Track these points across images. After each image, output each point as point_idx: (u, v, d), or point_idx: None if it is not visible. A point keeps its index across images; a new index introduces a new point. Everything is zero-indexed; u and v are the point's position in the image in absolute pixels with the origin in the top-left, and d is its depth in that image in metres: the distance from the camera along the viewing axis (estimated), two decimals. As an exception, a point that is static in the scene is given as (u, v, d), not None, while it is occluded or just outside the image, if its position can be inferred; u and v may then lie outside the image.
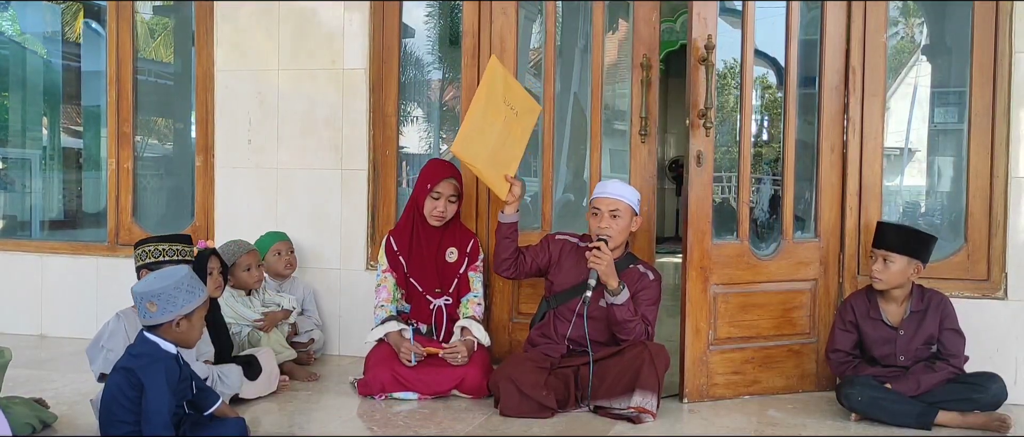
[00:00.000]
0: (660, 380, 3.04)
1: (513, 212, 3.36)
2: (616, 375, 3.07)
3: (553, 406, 3.07)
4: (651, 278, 3.30)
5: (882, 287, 3.14)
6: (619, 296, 3.16)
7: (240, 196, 4.19)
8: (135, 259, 3.07)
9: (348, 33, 4.03)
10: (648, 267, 3.36)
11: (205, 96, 4.33)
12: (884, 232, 3.17)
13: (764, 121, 6.91)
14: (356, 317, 4.01)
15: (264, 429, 2.92)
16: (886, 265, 3.10)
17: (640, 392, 3.00)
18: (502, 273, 3.42)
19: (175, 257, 3.01)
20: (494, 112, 3.25)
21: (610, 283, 3.15)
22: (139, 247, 3.06)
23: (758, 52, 3.63)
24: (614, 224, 3.22)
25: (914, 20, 4.54)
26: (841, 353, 3.24)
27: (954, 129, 3.92)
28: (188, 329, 2.51)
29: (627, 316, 3.16)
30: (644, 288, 3.26)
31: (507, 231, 3.36)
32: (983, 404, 2.99)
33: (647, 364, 3.01)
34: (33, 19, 6.12)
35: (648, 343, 3.12)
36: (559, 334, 3.32)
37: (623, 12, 4.71)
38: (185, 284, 2.48)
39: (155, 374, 2.40)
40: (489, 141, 3.25)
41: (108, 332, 2.97)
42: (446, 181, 3.47)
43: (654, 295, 3.29)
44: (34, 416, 2.79)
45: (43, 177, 5.76)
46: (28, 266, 4.56)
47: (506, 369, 3.16)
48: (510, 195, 3.33)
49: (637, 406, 3.00)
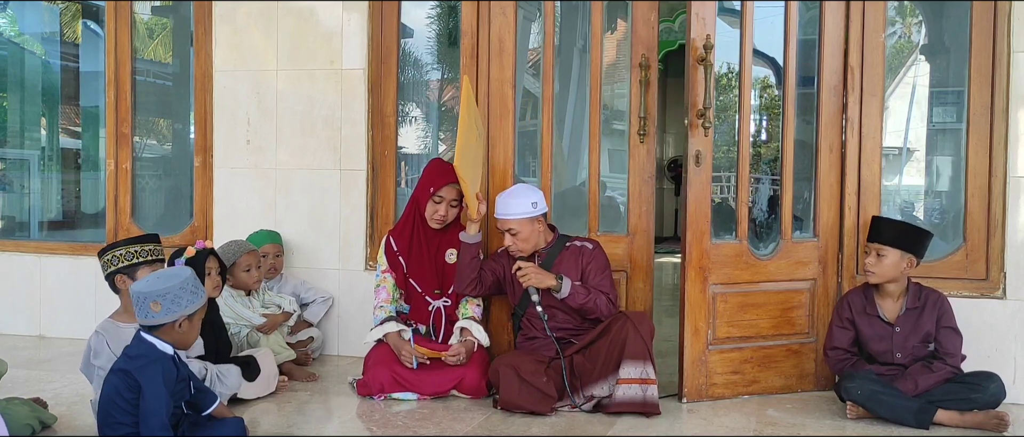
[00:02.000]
0: (649, 347, 3.07)
1: (476, 231, 3.39)
2: (606, 354, 3.11)
3: (553, 394, 3.10)
4: (590, 248, 3.37)
5: (875, 281, 3.16)
6: (562, 290, 3.23)
7: (239, 196, 4.19)
8: (104, 266, 2.97)
9: (347, 33, 4.03)
10: (583, 239, 3.43)
11: (204, 96, 4.33)
12: (878, 226, 3.20)
13: (763, 121, 6.91)
14: (355, 317, 4.01)
15: (263, 430, 2.92)
16: (879, 259, 3.12)
17: (629, 363, 3.03)
18: (468, 293, 3.44)
19: (149, 258, 2.99)
20: (470, 131, 3.33)
21: (549, 284, 3.23)
22: (106, 253, 2.98)
23: (757, 52, 3.63)
24: (517, 241, 3.29)
25: (912, 20, 4.54)
26: (839, 351, 3.24)
27: (953, 129, 3.93)
28: (189, 330, 2.50)
29: (581, 300, 3.24)
30: (588, 260, 3.33)
31: (474, 251, 3.39)
32: (982, 403, 2.99)
33: (632, 333, 3.06)
34: (31, 19, 6.12)
35: (628, 314, 3.18)
36: (540, 331, 3.36)
37: (622, 12, 4.71)
38: (189, 285, 2.48)
39: (152, 375, 2.39)
40: (470, 157, 3.33)
41: (93, 352, 2.90)
42: (449, 186, 3.46)
43: (600, 263, 3.35)
44: (33, 417, 2.79)
45: (42, 178, 5.76)
46: (27, 267, 4.55)
47: (506, 359, 3.22)
48: (476, 213, 3.36)
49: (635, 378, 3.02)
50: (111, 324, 2.95)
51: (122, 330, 2.88)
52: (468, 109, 3.32)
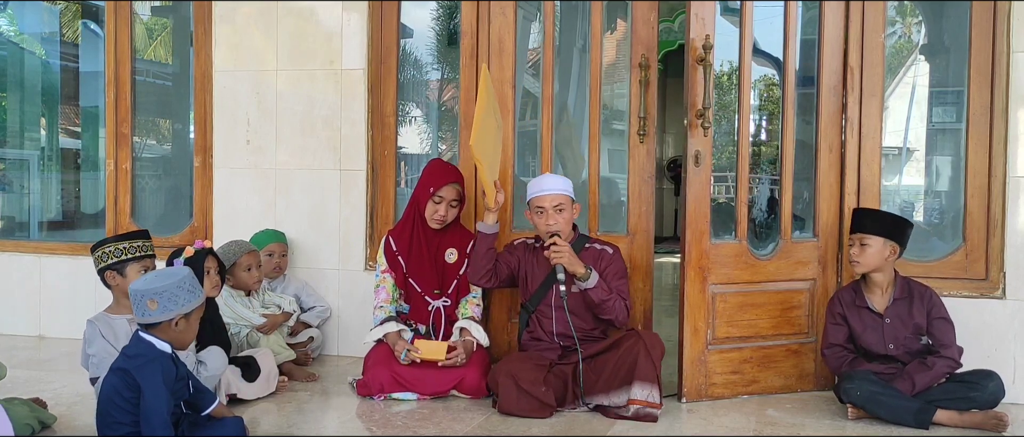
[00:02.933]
0: (658, 370, 3.05)
1: (494, 221, 3.37)
2: (613, 369, 3.08)
3: (552, 403, 3.08)
4: (610, 252, 3.36)
5: (861, 270, 3.19)
6: (590, 280, 3.21)
7: (238, 196, 4.19)
8: (95, 262, 3.07)
9: (346, 33, 4.03)
10: (603, 243, 3.41)
11: (203, 96, 4.33)
12: (859, 217, 3.25)
13: (762, 121, 6.91)
14: (355, 317, 4.01)
15: (263, 430, 2.92)
16: (862, 248, 3.16)
17: (639, 384, 3.00)
18: (482, 284, 3.43)
19: (137, 254, 3.06)
20: (489, 118, 3.28)
21: (577, 271, 3.20)
22: (97, 249, 3.07)
23: (757, 51, 3.64)
24: (560, 218, 3.27)
25: (912, 20, 4.55)
26: (836, 348, 3.26)
27: (952, 128, 3.93)
28: (185, 329, 2.51)
29: (603, 296, 3.21)
30: (607, 264, 3.32)
31: (490, 242, 3.37)
32: (981, 403, 2.99)
33: (643, 355, 3.03)
34: (31, 19, 6.12)
35: (641, 332, 3.14)
36: (547, 332, 3.35)
37: (621, 12, 4.71)
38: (187, 283, 2.49)
39: (151, 374, 2.39)
40: (488, 145, 3.28)
41: (86, 341, 3.01)
42: (449, 186, 3.46)
43: (619, 268, 3.34)
44: (33, 417, 2.80)
45: (41, 178, 5.76)
46: (26, 267, 4.55)
47: (505, 365, 3.17)
48: (495, 202, 3.34)
49: (641, 400, 3.00)
50: (103, 315, 3.06)
51: (113, 320, 3.02)
52: (487, 96, 3.24)
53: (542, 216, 3.29)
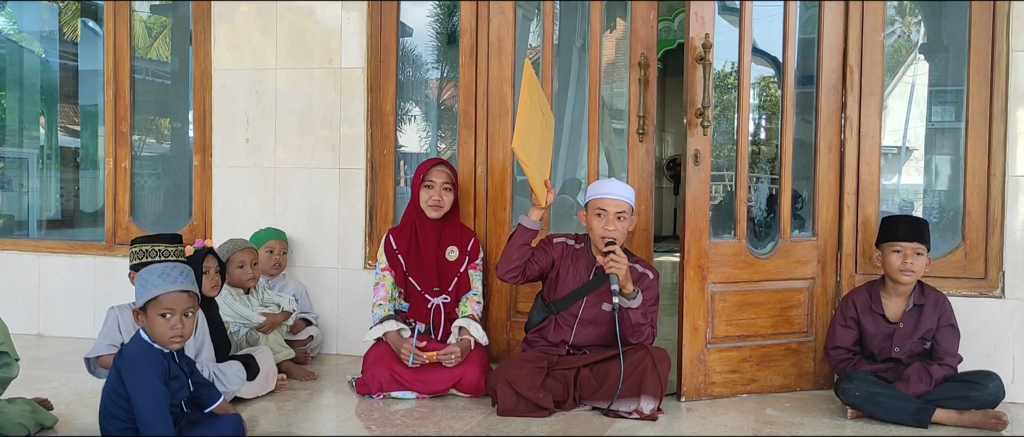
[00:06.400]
0: (664, 385, 3.04)
1: (538, 218, 3.22)
2: (616, 378, 3.06)
3: (550, 407, 3.06)
4: (651, 277, 3.26)
5: (913, 280, 3.11)
6: (635, 300, 3.11)
7: (237, 195, 4.19)
8: (130, 257, 3.11)
9: (346, 32, 4.03)
10: (646, 265, 3.32)
11: (202, 95, 4.33)
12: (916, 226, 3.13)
13: (762, 120, 6.91)
14: (354, 316, 4.01)
15: (262, 428, 2.91)
16: (918, 258, 3.08)
17: (645, 398, 3.00)
18: (508, 279, 3.26)
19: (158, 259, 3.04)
20: (534, 115, 3.16)
21: (627, 287, 3.09)
22: (135, 245, 3.10)
23: (756, 51, 3.63)
24: (619, 226, 3.14)
25: (911, 19, 4.55)
26: (841, 349, 3.24)
27: (951, 128, 3.93)
28: (145, 324, 2.48)
29: (640, 320, 3.12)
30: (646, 288, 3.21)
31: (528, 237, 3.21)
32: (980, 402, 2.99)
33: (650, 370, 3.01)
34: (30, 18, 6.12)
35: (650, 348, 3.11)
36: (560, 341, 3.29)
37: (621, 11, 4.71)
38: (159, 269, 2.49)
39: (137, 371, 2.41)
40: (535, 143, 3.15)
41: (103, 320, 3.04)
42: (437, 168, 3.50)
43: (655, 294, 3.26)
44: (30, 418, 2.79)
45: (40, 176, 5.76)
46: (25, 266, 4.55)
47: (503, 372, 3.13)
48: (545, 201, 3.19)
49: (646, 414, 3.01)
50: (125, 306, 3.02)
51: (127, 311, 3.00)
52: (530, 94, 3.11)
53: (602, 219, 3.14)
